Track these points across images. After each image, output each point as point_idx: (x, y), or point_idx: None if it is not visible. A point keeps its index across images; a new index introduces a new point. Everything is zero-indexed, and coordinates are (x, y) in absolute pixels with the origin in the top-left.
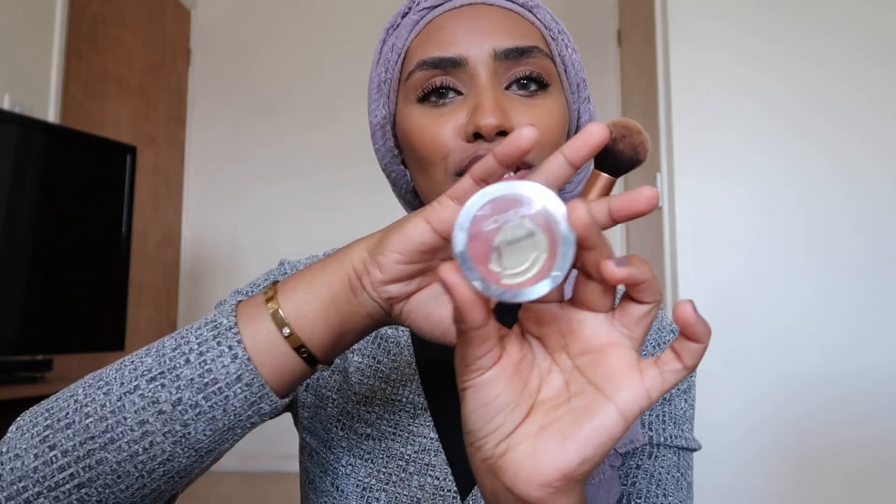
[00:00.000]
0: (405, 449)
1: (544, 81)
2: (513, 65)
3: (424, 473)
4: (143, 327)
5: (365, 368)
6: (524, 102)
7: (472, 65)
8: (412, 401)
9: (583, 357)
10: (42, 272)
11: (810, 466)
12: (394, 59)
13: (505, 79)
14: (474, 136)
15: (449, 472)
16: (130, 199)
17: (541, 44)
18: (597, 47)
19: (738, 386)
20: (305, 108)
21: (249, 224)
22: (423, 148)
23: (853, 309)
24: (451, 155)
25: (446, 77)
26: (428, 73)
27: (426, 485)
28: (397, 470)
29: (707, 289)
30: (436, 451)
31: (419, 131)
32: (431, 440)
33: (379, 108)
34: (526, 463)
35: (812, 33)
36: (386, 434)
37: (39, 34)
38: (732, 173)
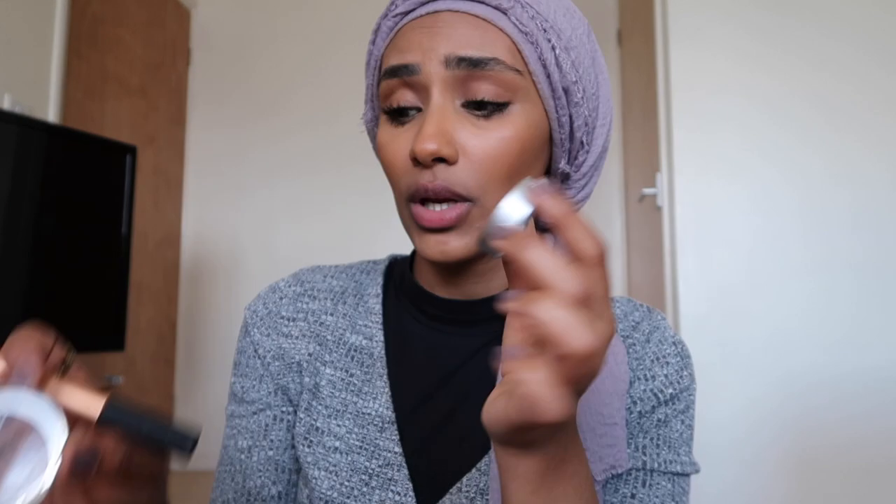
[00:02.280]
0: (369, 463)
1: (501, 102)
2: (468, 78)
3: (386, 488)
4: (143, 327)
5: (337, 381)
6: (477, 125)
7: (425, 73)
8: (381, 414)
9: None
10: (42, 272)
11: (810, 466)
12: (373, 66)
13: (462, 94)
14: (416, 161)
15: (410, 487)
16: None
17: (504, 55)
18: None
19: (738, 385)
20: (306, 108)
21: (249, 224)
22: (385, 167)
23: (852, 308)
24: (400, 180)
25: (406, 91)
26: (391, 83)
27: (387, 500)
28: (359, 484)
29: (707, 289)
30: (399, 465)
31: (382, 149)
32: (395, 454)
33: (367, 112)
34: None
35: (812, 34)
36: (353, 447)
37: (39, 34)
38: (732, 173)
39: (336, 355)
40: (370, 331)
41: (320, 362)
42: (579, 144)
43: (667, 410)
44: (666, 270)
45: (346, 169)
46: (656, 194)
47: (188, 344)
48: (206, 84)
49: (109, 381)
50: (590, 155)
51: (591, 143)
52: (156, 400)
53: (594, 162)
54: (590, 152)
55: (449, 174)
